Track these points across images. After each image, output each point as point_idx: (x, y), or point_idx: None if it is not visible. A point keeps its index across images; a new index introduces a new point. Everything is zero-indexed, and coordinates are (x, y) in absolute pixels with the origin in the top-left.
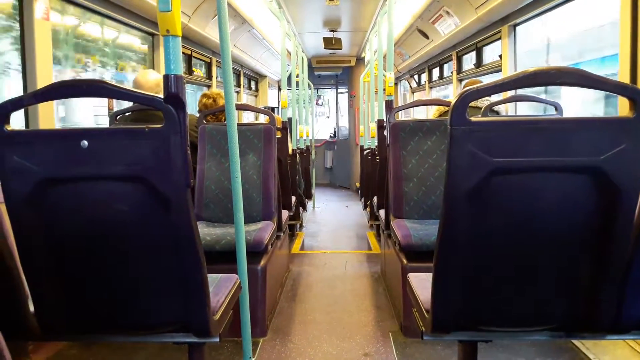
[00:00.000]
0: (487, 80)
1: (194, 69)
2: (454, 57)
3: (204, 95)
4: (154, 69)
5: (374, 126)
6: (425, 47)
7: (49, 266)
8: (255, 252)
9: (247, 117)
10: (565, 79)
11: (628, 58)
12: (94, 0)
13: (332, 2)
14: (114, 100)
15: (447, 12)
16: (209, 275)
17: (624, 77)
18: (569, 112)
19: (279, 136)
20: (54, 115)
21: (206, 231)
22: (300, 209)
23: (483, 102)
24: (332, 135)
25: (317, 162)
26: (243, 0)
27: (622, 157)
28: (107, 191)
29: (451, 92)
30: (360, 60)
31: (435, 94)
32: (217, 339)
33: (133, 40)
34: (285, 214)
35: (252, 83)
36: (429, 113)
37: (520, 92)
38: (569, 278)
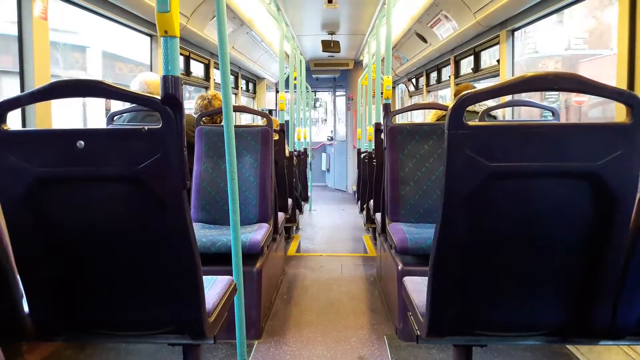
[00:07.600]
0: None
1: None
2: (451, 62)
3: (200, 97)
4: (152, 70)
5: (371, 129)
6: (424, 51)
7: (44, 266)
8: (251, 254)
9: (245, 119)
10: (563, 84)
11: (625, 64)
12: (92, 0)
13: (331, 5)
14: (111, 101)
15: (446, 16)
16: (204, 276)
17: (621, 83)
18: None
19: (276, 138)
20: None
21: (202, 233)
22: (297, 211)
23: (480, 107)
24: (330, 138)
25: (314, 165)
26: (242, 2)
27: (619, 163)
28: (103, 192)
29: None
30: (358, 63)
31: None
32: (212, 341)
33: None
34: (281, 216)
35: (250, 85)
36: (427, 117)
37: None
38: (564, 283)
